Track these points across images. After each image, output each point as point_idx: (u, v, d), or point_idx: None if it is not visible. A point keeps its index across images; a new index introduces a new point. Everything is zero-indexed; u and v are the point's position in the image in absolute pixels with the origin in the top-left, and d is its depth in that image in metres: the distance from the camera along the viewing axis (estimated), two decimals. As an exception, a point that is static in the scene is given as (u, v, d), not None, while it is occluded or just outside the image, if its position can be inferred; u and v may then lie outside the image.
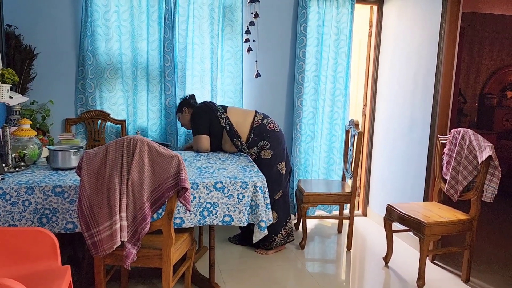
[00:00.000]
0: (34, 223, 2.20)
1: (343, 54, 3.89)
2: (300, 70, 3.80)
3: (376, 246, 3.57)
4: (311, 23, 3.76)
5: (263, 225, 2.41)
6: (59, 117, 3.51)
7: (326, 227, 4.03)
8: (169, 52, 3.48)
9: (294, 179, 3.90)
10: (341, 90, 3.95)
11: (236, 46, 3.67)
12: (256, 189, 2.40)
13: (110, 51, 3.46)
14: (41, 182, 2.23)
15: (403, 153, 3.69)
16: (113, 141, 2.08)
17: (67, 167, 2.51)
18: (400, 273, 3.08)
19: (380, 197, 4.05)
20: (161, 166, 2.06)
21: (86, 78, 3.44)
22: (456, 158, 3.02)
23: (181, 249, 2.31)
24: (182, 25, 3.51)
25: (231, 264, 3.12)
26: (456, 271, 3.09)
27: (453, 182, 3.04)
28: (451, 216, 2.88)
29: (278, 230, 3.28)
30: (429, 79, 3.33)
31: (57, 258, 2.01)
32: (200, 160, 2.88)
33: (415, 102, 3.53)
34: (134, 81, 3.55)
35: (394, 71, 3.83)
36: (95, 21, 3.37)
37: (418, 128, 3.48)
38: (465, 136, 2.97)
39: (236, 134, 3.16)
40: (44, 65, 3.42)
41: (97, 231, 2.06)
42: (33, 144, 2.64)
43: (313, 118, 3.92)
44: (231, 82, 3.71)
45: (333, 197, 3.39)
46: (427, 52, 3.36)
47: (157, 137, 3.65)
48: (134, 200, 2.08)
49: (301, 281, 2.92)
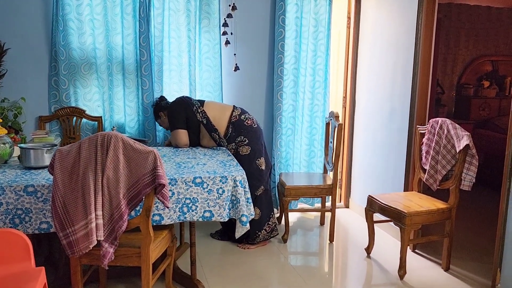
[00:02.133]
0: (6, 224, 2.12)
1: (322, 46, 3.88)
2: (279, 63, 3.77)
3: (358, 237, 3.59)
4: (289, 15, 3.73)
5: (245, 219, 2.38)
6: (32, 115, 3.40)
7: (308, 220, 4.03)
8: (145, 46, 3.40)
9: (276, 172, 3.88)
10: (321, 83, 3.94)
11: (214, 39, 3.62)
12: (236, 183, 2.37)
13: (84, 45, 3.36)
14: (12, 181, 2.15)
15: (383, 144, 3.71)
16: (86, 137, 2.02)
17: (40, 165, 2.43)
18: (382, 263, 3.10)
19: (362, 188, 4.07)
20: (137, 163, 2.00)
21: (59, 74, 3.34)
22: (434, 147, 3.05)
23: (160, 246, 2.26)
24: (158, 18, 3.43)
25: (213, 260, 3.08)
26: (437, 260, 3.13)
27: (432, 171, 3.07)
28: (431, 205, 2.90)
29: (261, 226, 3.26)
30: (407, 70, 3.35)
31: (30, 260, 1.95)
32: (179, 156, 2.83)
33: (394, 93, 3.54)
34: (110, 76, 3.46)
35: (373, 62, 3.84)
36: (67, 15, 3.27)
37: (398, 119, 3.49)
38: (443, 126, 2.99)
39: (214, 128, 3.13)
40: (15, 61, 3.30)
41: (72, 231, 1.99)
42: (4, 142, 2.55)
43: (293, 111, 3.90)
44: (209, 76, 3.66)
45: (314, 190, 3.39)
46: (405, 43, 3.37)
47: (135, 133, 3.57)
48: (110, 198, 2.02)
49: (284, 274, 2.90)
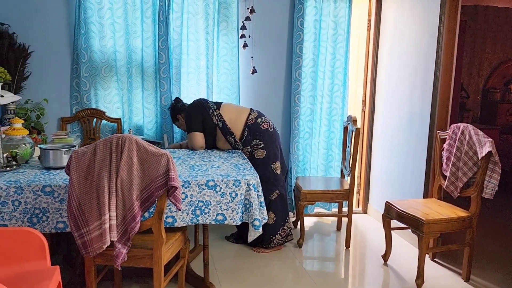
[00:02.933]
0: (24, 223, 2.17)
1: (341, 49, 3.83)
2: (297, 66, 3.74)
3: (375, 243, 3.52)
4: (308, 17, 3.71)
5: (257, 223, 2.37)
6: (54, 116, 3.49)
7: (325, 224, 3.99)
8: (164, 49, 3.44)
9: (292, 176, 3.86)
10: (340, 86, 3.89)
11: (232, 42, 3.63)
12: (249, 187, 2.36)
13: (104, 48, 3.42)
14: (30, 181, 2.21)
15: (402, 149, 3.63)
16: (101, 139, 2.05)
17: (59, 166, 2.48)
18: (399, 271, 3.03)
19: (380, 193, 3.99)
20: (150, 165, 2.02)
21: (80, 76, 3.41)
22: (456, 154, 2.96)
23: (173, 248, 2.27)
24: (177, 21, 3.47)
25: (227, 263, 3.08)
26: (457, 269, 3.04)
27: (453, 178, 2.99)
28: (451, 213, 2.82)
29: (276, 230, 3.24)
30: (428, 74, 3.27)
31: (46, 259, 1.98)
32: (194, 158, 2.84)
33: (414, 97, 3.46)
34: (129, 78, 3.52)
35: (393, 66, 3.77)
36: (88, 19, 3.34)
37: (418, 124, 3.42)
38: (464, 132, 2.91)
39: (229, 131, 3.12)
40: (39, 63, 3.40)
41: (87, 231, 2.03)
42: (25, 143, 2.62)
43: (311, 115, 3.86)
44: (227, 79, 3.67)
45: (330, 195, 3.34)
46: (426, 46, 3.30)
47: (153, 135, 3.61)
48: (124, 199, 2.04)
49: (299, 280, 2.87)
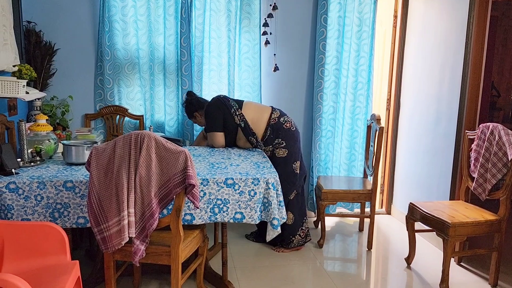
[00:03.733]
0: (46, 218, 2.21)
1: (366, 46, 3.74)
2: (320, 63, 3.68)
3: (398, 246, 3.43)
4: (332, 14, 3.64)
5: (276, 223, 2.34)
6: (79, 112, 3.55)
7: (347, 225, 3.91)
8: (186, 46, 3.44)
9: (314, 175, 3.80)
10: (364, 84, 3.80)
11: (254, 39, 3.59)
12: (268, 185, 2.33)
13: (128, 46, 3.45)
14: (53, 177, 2.24)
15: (428, 149, 3.52)
16: (121, 136, 2.06)
17: (81, 162, 2.51)
18: (423, 275, 2.94)
19: (404, 194, 3.89)
20: (168, 162, 2.02)
21: (104, 73, 3.46)
22: (484, 154, 2.85)
23: (191, 246, 2.27)
24: (199, 18, 3.46)
25: (246, 261, 3.06)
26: (483, 274, 2.93)
27: (481, 180, 2.87)
28: (478, 216, 2.71)
29: (295, 231, 3.20)
30: (456, 72, 3.15)
31: (66, 253, 2.01)
32: (213, 156, 2.83)
33: (441, 95, 3.35)
34: (151, 76, 3.54)
35: (419, 63, 3.66)
36: (112, 16, 3.38)
37: (445, 123, 3.30)
38: (494, 132, 2.79)
39: (252, 132, 3.08)
40: (64, 61, 3.46)
41: (106, 227, 2.04)
42: (49, 139, 2.67)
43: (333, 113, 3.80)
44: (248, 76, 3.64)
45: (352, 195, 3.28)
46: (454, 42, 3.18)
47: (174, 133, 3.63)
48: (142, 196, 2.05)
49: (318, 280, 2.83)
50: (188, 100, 3.27)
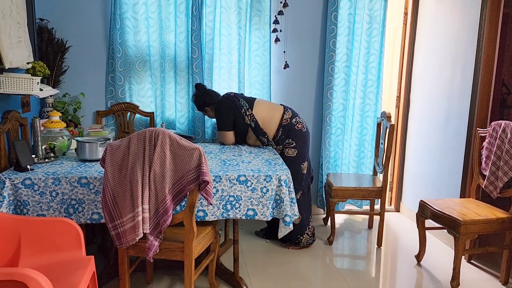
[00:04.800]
0: (61, 213, 2.24)
1: (376, 43, 3.73)
2: (330, 60, 3.68)
3: (408, 243, 3.43)
4: (342, 11, 3.63)
5: (288, 219, 2.35)
6: (90, 109, 3.58)
7: (356, 222, 3.92)
8: (197, 43, 3.45)
9: (323, 172, 3.81)
10: (373, 81, 3.80)
11: (264, 37, 3.60)
12: (280, 182, 2.34)
13: (139, 43, 3.47)
14: (67, 173, 2.27)
15: (438, 146, 3.51)
16: (135, 133, 2.08)
17: (94, 158, 2.54)
18: (433, 272, 2.94)
19: (414, 192, 3.89)
20: (182, 159, 2.04)
21: (115, 70, 3.48)
22: (496, 152, 2.84)
23: (203, 242, 2.29)
24: (210, 16, 3.47)
25: (256, 258, 3.08)
26: (494, 272, 2.92)
27: (492, 178, 2.86)
28: (490, 214, 2.71)
29: (303, 230, 3.20)
30: (468, 69, 3.14)
31: (81, 248, 2.04)
32: (225, 153, 2.85)
33: (452, 93, 3.34)
34: (162, 73, 3.56)
35: (430, 60, 3.64)
36: (123, 14, 3.39)
37: (455, 121, 3.29)
38: (506, 129, 2.78)
39: (262, 132, 3.08)
40: (76, 58, 3.48)
41: (121, 223, 2.07)
42: (63, 135, 2.70)
43: (343, 110, 3.79)
44: (258, 74, 3.65)
45: (362, 192, 3.28)
46: (466, 40, 3.17)
47: (184, 130, 3.65)
48: (156, 192, 2.07)
49: (328, 277, 2.84)
50: (197, 95, 3.24)
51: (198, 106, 3.29)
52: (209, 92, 3.24)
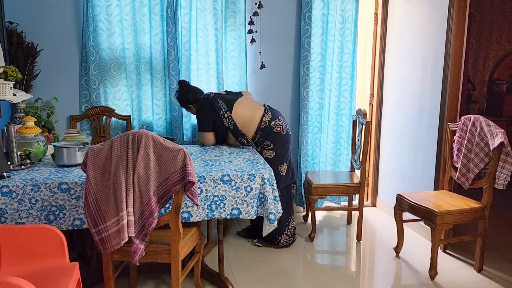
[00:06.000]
0: (41, 220, 2.18)
1: (349, 43, 3.82)
2: (306, 60, 3.74)
3: (386, 236, 3.53)
4: (316, 12, 3.70)
5: (272, 217, 2.38)
6: (64, 114, 3.49)
7: (335, 218, 3.99)
8: (173, 45, 3.44)
9: (302, 170, 3.86)
10: (347, 80, 3.89)
11: (240, 38, 3.62)
12: (264, 181, 2.37)
13: (113, 46, 3.42)
14: (46, 179, 2.22)
15: (412, 141, 3.63)
16: (117, 136, 2.06)
17: (73, 163, 2.49)
18: (412, 263, 3.04)
19: (390, 187, 4.00)
20: (166, 160, 2.03)
21: (89, 74, 3.41)
22: (467, 145, 2.96)
23: (189, 243, 2.29)
24: (185, 17, 3.46)
25: (240, 257, 3.09)
26: (469, 260, 3.05)
27: (464, 170, 2.99)
28: (463, 205, 2.83)
29: (282, 231, 3.21)
30: (437, 66, 3.26)
31: (65, 255, 2.00)
32: (206, 154, 2.85)
33: (423, 89, 3.46)
34: (138, 75, 3.52)
35: (401, 58, 3.76)
36: (97, 16, 3.34)
37: (427, 116, 3.41)
38: (476, 123, 2.91)
39: (241, 133, 3.09)
40: (47, 61, 3.40)
41: (105, 227, 2.04)
42: (38, 141, 2.63)
43: (319, 109, 3.86)
44: (235, 74, 3.66)
45: (341, 188, 3.35)
46: (435, 38, 3.29)
47: (163, 132, 3.62)
48: (141, 195, 2.05)
49: (311, 273, 2.89)
50: (181, 92, 3.24)
51: (180, 103, 3.29)
52: (192, 89, 3.23)
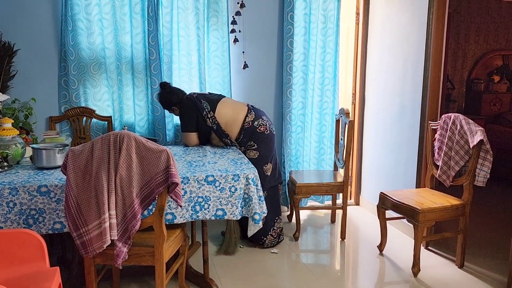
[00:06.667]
0: (20, 225, 2.12)
1: (331, 42, 3.84)
2: (288, 60, 3.74)
3: (370, 234, 3.56)
4: (298, 11, 3.70)
5: (257, 217, 2.37)
6: (43, 115, 3.41)
7: (319, 217, 4.01)
8: (154, 45, 3.39)
9: (286, 170, 3.86)
10: (330, 79, 3.91)
11: (222, 37, 3.60)
12: (248, 181, 2.35)
13: (93, 45, 3.36)
14: (25, 182, 2.16)
15: (394, 140, 3.67)
16: (99, 137, 2.01)
17: (52, 166, 2.43)
18: (395, 260, 3.07)
19: (372, 185, 4.04)
20: (149, 162, 2.00)
21: (69, 74, 3.34)
22: (447, 143, 3.01)
23: (173, 245, 2.26)
24: (167, 16, 3.42)
25: (224, 258, 3.07)
26: (450, 256, 3.10)
27: (445, 167, 3.03)
28: (444, 202, 2.87)
29: (267, 231, 3.20)
30: (418, 65, 3.31)
31: (45, 260, 1.95)
32: (189, 155, 2.82)
33: (405, 88, 3.50)
34: (119, 76, 3.46)
35: (382, 58, 3.80)
36: (76, 15, 3.27)
37: (409, 115, 3.46)
38: (456, 121, 2.96)
39: (224, 134, 3.07)
40: (25, 62, 3.31)
41: (86, 231, 1.99)
42: (16, 143, 2.55)
43: (302, 108, 3.87)
44: (218, 74, 3.64)
45: (325, 187, 3.36)
46: (415, 38, 3.33)
47: (145, 133, 3.57)
48: (123, 197, 2.01)
49: (296, 272, 2.89)
50: (163, 94, 3.17)
51: (163, 105, 3.23)
52: (174, 90, 3.18)
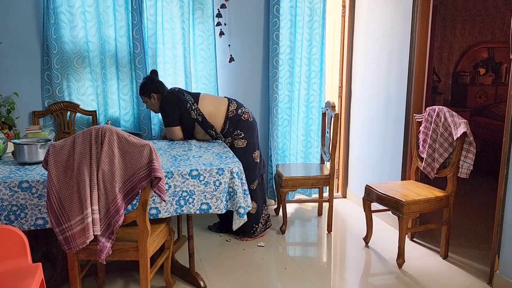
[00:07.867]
0: (1, 221, 2.10)
1: (317, 35, 3.84)
2: (275, 53, 3.73)
3: (356, 227, 3.59)
4: (284, 4, 3.68)
5: (242, 211, 2.37)
6: (26, 110, 3.36)
7: (306, 210, 4.03)
8: (138, 38, 3.35)
9: (273, 164, 3.86)
10: (316, 72, 3.90)
11: (208, 30, 3.57)
12: (233, 175, 2.35)
13: (76, 39, 3.31)
14: (6, 177, 2.13)
15: (380, 133, 3.69)
16: (80, 131, 1.99)
17: (34, 161, 2.40)
18: (381, 252, 3.10)
19: (359, 178, 4.06)
20: (132, 156, 1.98)
21: (52, 68, 3.29)
22: (432, 136, 3.04)
23: (158, 240, 2.25)
24: (151, 9, 3.38)
25: (211, 252, 3.08)
26: (435, 248, 3.14)
27: (429, 160, 3.06)
28: (429, 194, 2.90)
29: (258, 219, 3.26)
30: (403, 58, 3.32)
31: (27, 256, 1.93)
32: (174, 149, 2.80)
33: (390, 81, 3.52)
34: (103, 69, 3.42)
35: (368, 51, 3.81)
36: (58, 8, 3.21)
37: (394, 108, 3.48)
38: (440, 114, 2.98)
39: (210, 125, 3.07)
40: (6, 56, 3.26)
41: (69, 226, 1.98)
42: (-3, 138, 2.52)
43: (289, 102, 3.87)
44: (204, 68, 3.62)
45: (312, 181, 3.38)
46: (400, 30, 3.34)
47: (130, 127, 3.54)
48: (106, 192, 2.00)
49: (283, 265, 2.90)
50: (149, 78, 3.13)
51: (143, 90, 3.12)
52: (160, 82, 3.17)
